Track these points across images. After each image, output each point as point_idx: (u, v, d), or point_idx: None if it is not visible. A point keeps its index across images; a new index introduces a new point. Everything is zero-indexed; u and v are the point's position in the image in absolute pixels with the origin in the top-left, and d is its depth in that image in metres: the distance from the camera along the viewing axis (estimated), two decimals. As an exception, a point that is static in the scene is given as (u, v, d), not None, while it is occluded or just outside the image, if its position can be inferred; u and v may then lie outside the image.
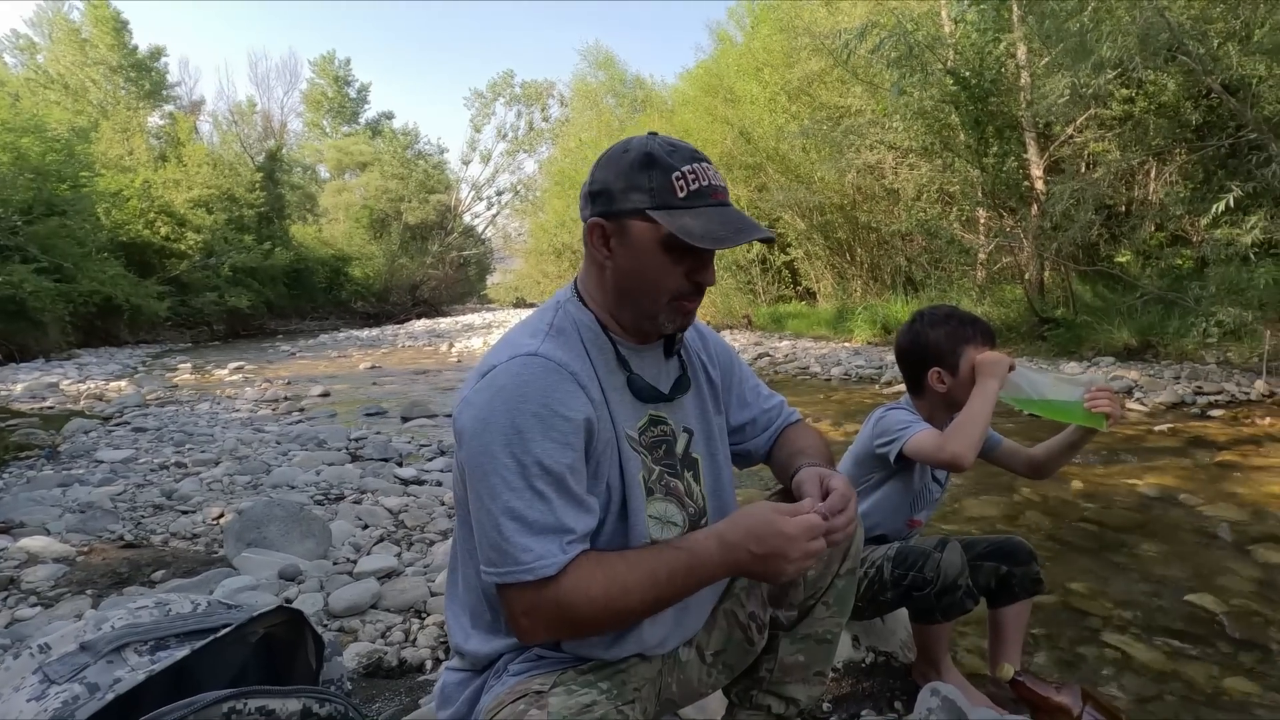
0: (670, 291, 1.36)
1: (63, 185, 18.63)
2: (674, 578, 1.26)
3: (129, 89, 34.18)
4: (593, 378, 1.36)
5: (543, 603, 1.22)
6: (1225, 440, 6.05)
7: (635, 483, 1.38)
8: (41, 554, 3.43)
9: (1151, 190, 11.40)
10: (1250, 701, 2.39)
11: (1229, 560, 3.60)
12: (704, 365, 1.61)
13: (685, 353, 1.57)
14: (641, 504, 1.38)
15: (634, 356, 1.45)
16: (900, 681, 2.35)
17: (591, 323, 1.42)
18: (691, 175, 1.31)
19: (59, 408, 9.32)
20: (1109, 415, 2.01)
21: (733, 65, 21.40)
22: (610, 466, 1.36)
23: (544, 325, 1.40)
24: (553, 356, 1.31)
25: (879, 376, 10.45)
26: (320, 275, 38.62)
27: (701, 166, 1.33)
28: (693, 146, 1.37)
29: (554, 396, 1.27)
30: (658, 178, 1.31)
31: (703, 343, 1.65)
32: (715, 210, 1.32)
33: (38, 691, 1.29)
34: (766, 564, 1.24)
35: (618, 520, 1.37)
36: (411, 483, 5.18)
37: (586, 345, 1.39)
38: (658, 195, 1.30)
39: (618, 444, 1.37)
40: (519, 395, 1.26)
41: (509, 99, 55.84)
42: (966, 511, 4.44)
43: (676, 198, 1.30)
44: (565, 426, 1.26)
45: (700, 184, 1.31)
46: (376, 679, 2.42)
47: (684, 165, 1.32)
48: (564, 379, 1.30)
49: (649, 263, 1.34)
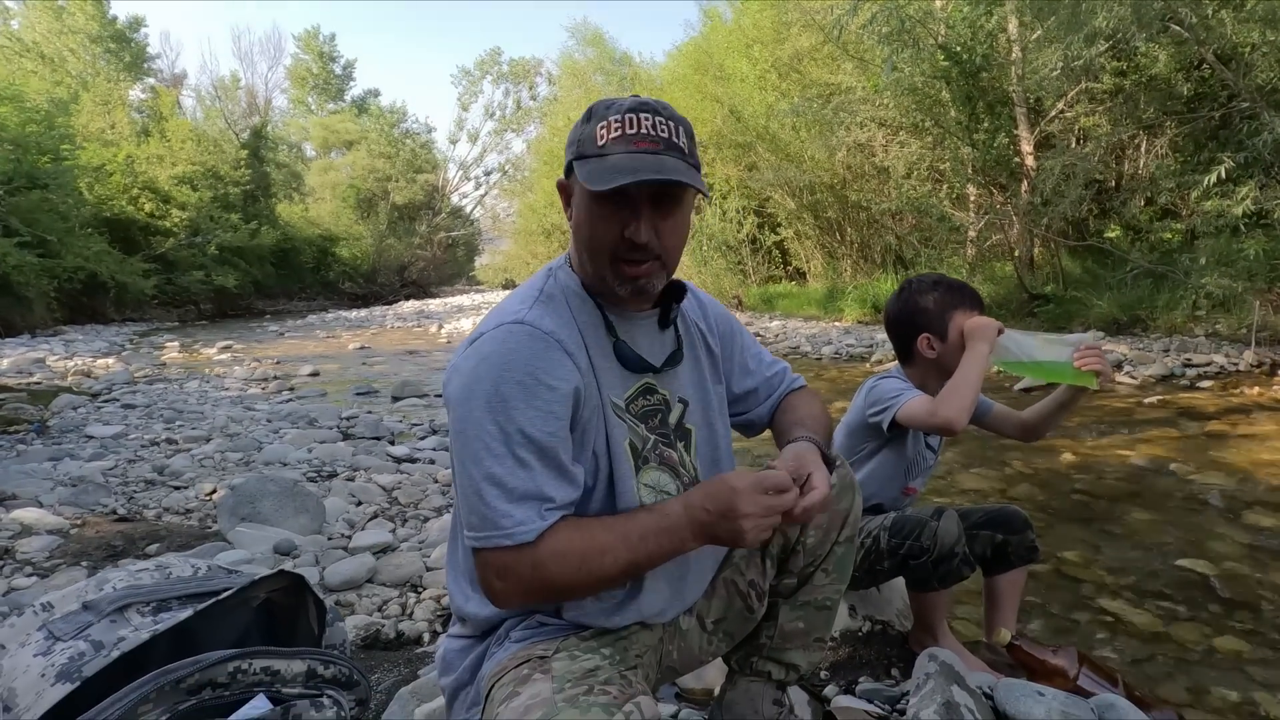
0: (608, 249, 1.31)
1: (43, 158, 18.29)
2: (645, 539, 1.25)
3: (109, 60, 33.65)
4: (580, 345, 1.34)
5: (518, 567, 1.21)
6: (1214, 410, 6.11)
7: (620, 451, 1.36)
8: (35, 526, 3.42)
9: (1142, 164, 11.41)
10: (1242, 659, 2.43)
11: (1219, 526, 3.64)
12: (703, 335, 1.59)
13: (683, 322, 1.55)
14: (628, 472, 1.37)
15: (623, 323, 1.42)
16: (897, 649, 2.36)
17: (579, 288, 1.40)
18: (616, 124, 1.26)
19: (46, 383, 9.24)
20: (1099, 373, 2.01)
21: (722, 42, 21.28)
22: (597, 434, 1.35)
23: (534, 292, 1.38)
24: (539, 325, 1.30)
25: (869, 355, 10.48)
26: (307, 255, 38.29)
27: (636, 116, 1.26)
28: (654, 102, 1.30)
29: (539, 365, 1.26)
30: (587, 130, 1.28)
31: (702, 311, 1.63)
32: (630, 156, 1.24)
33: (43, 648, 1.29)
34: (724, 522, 1.22)
35: (606, 489, 1.36)
36: (404, 460, 5.16)
37: (574, 311, 1.38)
38: (583, 145, 1.28)
39: (603, 411, 1.36)
40: (504, 364, 1.25)
41: (496, 77, 55.45)
42: (960, 484, 4.47)
43: (595, 146, 1.26)
44: (549, 395, 1.25)
45: (625, 131, 1.25)
46: (375, 650, 2.43)
47: (614, 115, 1.27)
48: (550, 347, 1.28)
49: (584, 217, 1.32)
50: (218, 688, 1.33)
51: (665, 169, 1.24)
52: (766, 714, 1.69)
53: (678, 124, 1.30)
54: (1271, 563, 3.14)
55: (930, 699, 1.77)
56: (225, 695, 1.33)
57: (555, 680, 1.19)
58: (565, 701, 1.13)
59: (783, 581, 1.64)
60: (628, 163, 1.23)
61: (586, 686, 1.17)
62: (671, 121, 1.29)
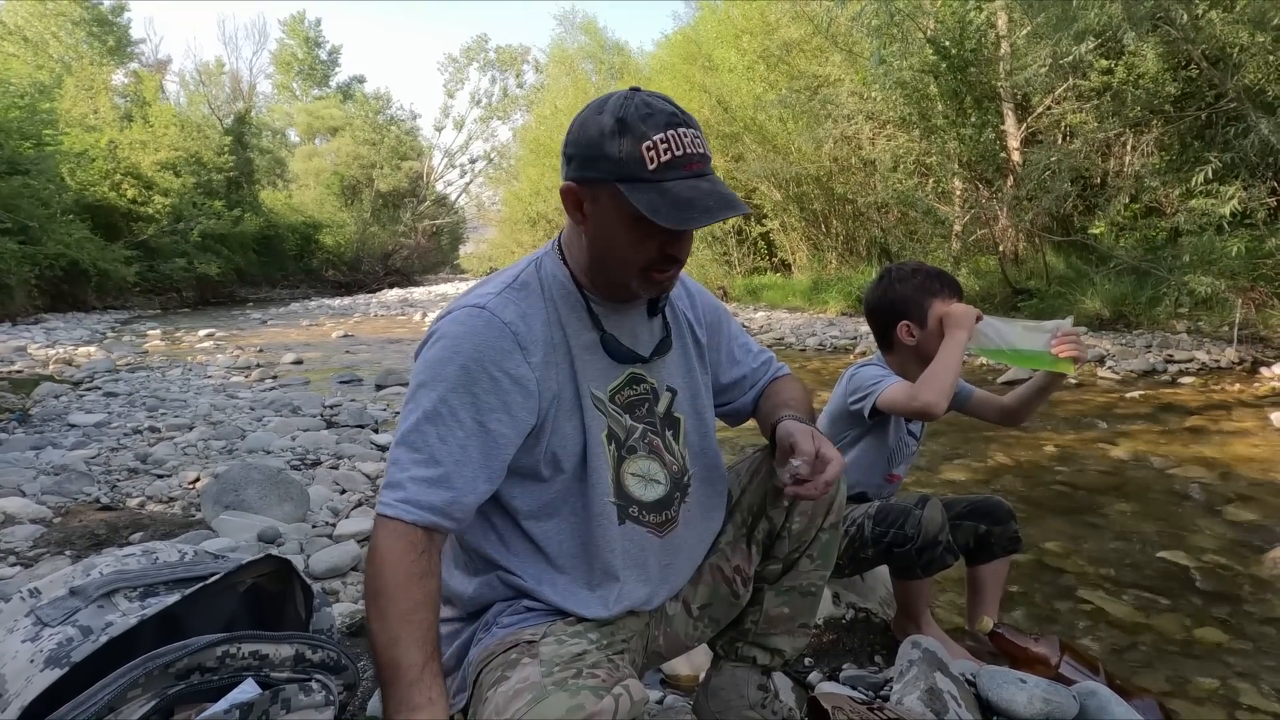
0: (641, 263, 1.32)
1: (26, 143, 18.06)
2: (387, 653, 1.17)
3: (91, 44, 33.21)
4: (545, 339, 1.35)
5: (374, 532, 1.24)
6: (1196, 406, 6.16)
7: (597, 442, 1.38)
8: (18, 515, 3.38)
9: (1127, 162, 11.47)
10: (1222, 649, 2.46)
11: (1200, 519, 3.68)
12: (690, 324, 1.59)
13: (671, 311, 1.56)
14: (603, 464, 1.39)
15: (610, 315, 1.43)
16: (880, 636, 2.39)
17: (566, 280, 1.40)
18: (664, 144, 1.22)
19: (28, 372, 9.15)
20: (1076, 359, 2.04)
21: (712, 32, 21.20)
22: (566, 425, 1.36)
23: (509, 278, 1.40)
24: (499, 313, 1.31)
25: (853, 347, 10.52)
26: (291, 243, 37.91)
27: (677, 133, 1.23)
28: (673, 107, 1.27)
29: (486, 354, 1.28)
30: (627, 147, 1.22)
31: (690, 300, 1.63)
32: (687, 184, 1.23)
33: (31, 633, 1.28)
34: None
35: (574, 480, 1.38)
36: (388, 449, 5.14)
37: (557, 302, 1.38)
38: (626, 166, 1.23)
39: (579, 403, 1.37)
40: (453, 345, 1.29)
41: (483, 64, 55.01)
42: (942, 475, 4.50)
43: (646, 170, 1.22)
44: (487, 384, 1.27)
45: (674, 154, 1.22)
46: (360, 638, 2.42)
47: (657, 133, 1.22)
48: (502, 337, 1.30)
49: (619, 236, 1.30)
50: (206, 672, 1.32)
51: (725, 198, 1.25)
52: (751, 699, 1.70)
53: (698, 130, 1.29)
54: (1251, 556, 3.18)
55: (914, 685, 1.79)
56: (214, 680, 1.33)
57: (543, 664, 1.20)
58: (554, 685, 1.13)
59: (768, 567, 1.66)
60: (693, 196, 1.23)
61: (575, 670, 1.18)
62: (696, 130, 1.28)
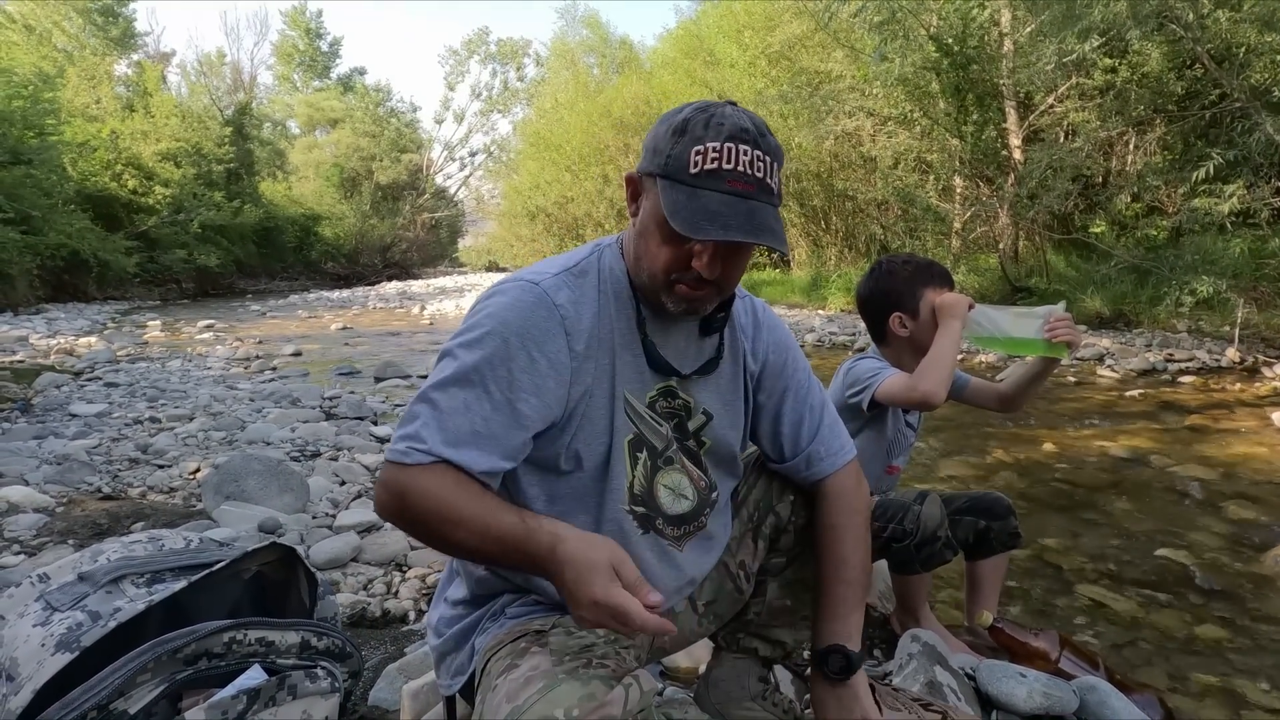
0: (667, 268, 1.28)
1: (29, 133, 18.03)
2: (501, 542, 1.18)
3: (95, 34, 33.14)
4: (592, 330, 1.33)
5: (394, 483, 1.20)
6: (1196, 405, 6.17)
7: (620, 446, 1.36)
8: (22, 504, 3.39)
9: (1129, 161, 11.47)
10: (1221, 646, 2.47)
11: (1200, 517, 3.68)
12: (745, 354, 1.53)
13: (730, 332, 1.50)
14: (623, 469, 1.37)
15: (659, 323, 1.39)
16: (879, 630, 2.40)
17: (623, 275, 1.38)
18: (715, 153, 1.19)
19: (29, 362, 9.15)
20: (1069, 344, 2.06)
21: (714, 26, 21.19)
22: (595, 422, 1.35)
23: (570, 262, 1.38)
24: (552, 294, 1.30)
25: (852, 343, 10.54)
26: (290, 234, 37.87)
27: (736, 148, 1.19)
28: (751, 125, 1.23)
29: (530, 333, 1.26)
30: (681, 146, 1.21)
31: (754, 331, 1.56)
32: (722, 198, 1.19)
33: (42, 618, 1.29)
34: (568, 589, 1.14)
35: (592, 480, 1.36)
36: (387, 441, 5.15)
37: (610, 297, 1.36)
38: (672, 164, 1.22)
39: (612, 404, 1.35)
40: (500, 316, 1.27)
41: (484, 57, 55.01)
42: (941, 471, 4.50)
43: (687, 172, 1.20)
44: (524, 362, 1.25)
45: (720, 165, 1.19)
46: (361, 628, 2.43)
47: (713, 141, 1.19)
48: (550, 318, 1.28)
49: (651, 233, 1.28)
50: (214, 658, 1.33)
51: (755, 223, 1.19)
52: (752, 691, 1.71)
53: (773, 158, 1.24)
54: (1251, 554, 3.19)
55: (914, 678, 1.80)
56: (221, 665, 1.34)
57: (553, 654, 1.19)
58: (565, 673, 1.13)
59: (771, 560, 1.66)
60: (720, 208, 1.19)
61: (585, 660, 1.18)
62: (768, 156, 1.23)
